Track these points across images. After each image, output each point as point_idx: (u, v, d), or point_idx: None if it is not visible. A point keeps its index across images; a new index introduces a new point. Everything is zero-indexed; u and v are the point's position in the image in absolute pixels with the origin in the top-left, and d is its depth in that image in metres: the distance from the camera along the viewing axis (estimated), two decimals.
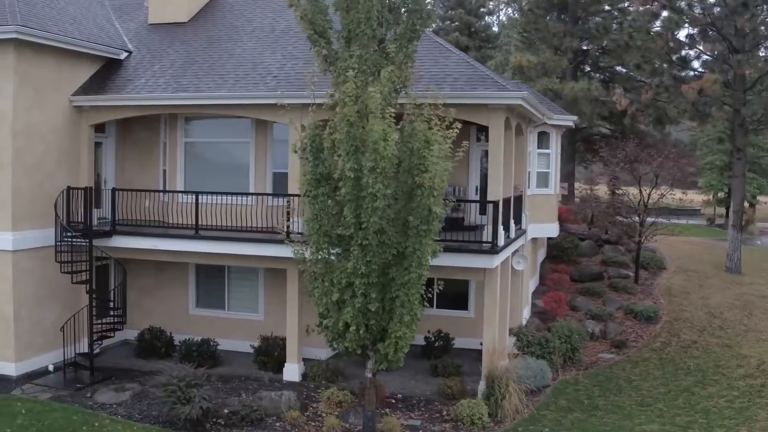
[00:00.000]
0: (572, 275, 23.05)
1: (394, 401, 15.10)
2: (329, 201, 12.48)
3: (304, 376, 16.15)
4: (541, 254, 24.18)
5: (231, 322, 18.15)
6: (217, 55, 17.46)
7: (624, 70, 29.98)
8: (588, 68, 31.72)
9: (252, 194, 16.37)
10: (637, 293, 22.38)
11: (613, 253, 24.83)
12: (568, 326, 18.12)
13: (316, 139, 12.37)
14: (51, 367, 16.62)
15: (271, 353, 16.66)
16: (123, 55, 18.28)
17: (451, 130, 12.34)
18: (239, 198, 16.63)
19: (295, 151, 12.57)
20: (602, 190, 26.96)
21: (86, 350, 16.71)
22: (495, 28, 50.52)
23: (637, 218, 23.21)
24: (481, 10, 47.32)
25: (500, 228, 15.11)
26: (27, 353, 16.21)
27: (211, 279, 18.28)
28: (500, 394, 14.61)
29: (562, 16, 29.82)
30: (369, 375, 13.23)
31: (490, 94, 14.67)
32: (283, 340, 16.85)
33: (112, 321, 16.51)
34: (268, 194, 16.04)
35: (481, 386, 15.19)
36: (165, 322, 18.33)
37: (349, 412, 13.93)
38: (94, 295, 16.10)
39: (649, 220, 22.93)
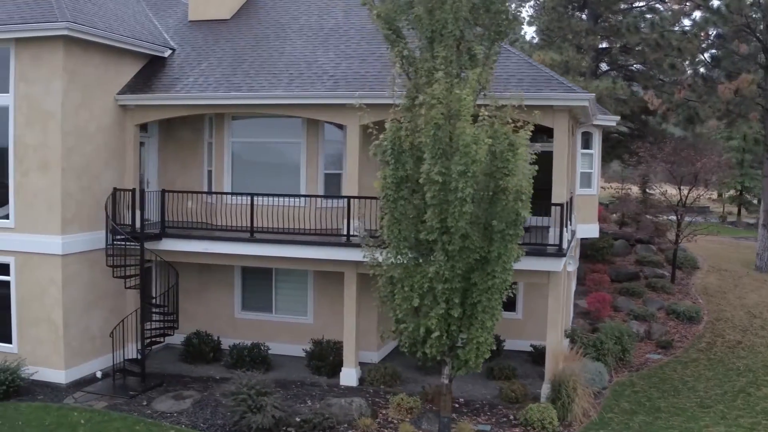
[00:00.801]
0: (610, 275, 22.95)
1: (457, 405, 14.87)
2: (408, 204, 12.22)
3: (361, 380, 15.86)
4: (576, 254, 24.06)
5: (278, 326, 17.80)
6: (267, 54, 17.06)
7: (642, 68, 29.94)
8: (606, 67, 31.65)
9: (311, 196, 16.07)
10: (675, 293, 22.33)
11: (646, 253, 24.77)
12: (618, 327, 18.00)
13: (397, 142, 12.09)
14: (99, 374, 16.19)
15: (326, 357, 16.35)
16: (167, 53, 17.83)
17: (525, 131, 12.16)
18: (290, 199, 16.34)
19: (375, 154, 12.25)
20: (632, 189, 26.87)
21: (133, 356, 16.36)
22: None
23: (670, 218, 23.15)
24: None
25: (565, 230, 14.94)
26: (75, 360, 15.77)
27: (258, 281, 17.91)
28: (567, 397, 14.45)
29: (583, 15, 29.71)
30: (445, 381, 13.00)
31: (558, 95, 14.46)
32: (337, 343, 16.57)
33: (162, 325, 16.09)
34: (328, 196, 15.74)
35: (545, 389, 15.01)
36: (210, 326, 17.96)
37: (421, 418, 13.67)
38: (145, 300, 15.67)
39: (687, 219, 22.89)
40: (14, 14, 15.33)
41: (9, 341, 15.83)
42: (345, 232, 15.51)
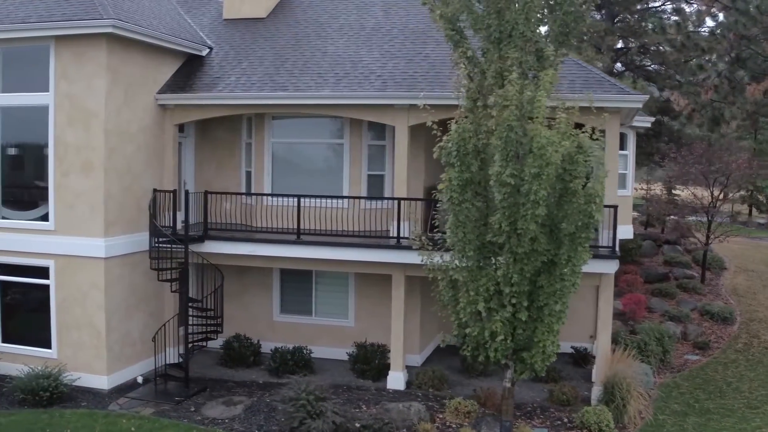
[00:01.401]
0: (641, 276, 22.89)
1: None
2: (472, 207, 12.02)
3: (408, 383, 15.65)
4: None
5: (318, 329, 17.53)
6: (309, 53, 16.78)
7: (660, 69, 29.89)
8: (622, 67, 31.59)
9: (361, 198, 15.86)
10: (706, 294, 22.30)
11: (674, 254, 24.72)
12: (658, 328, 17.92)
13: (462, 144, 11.88)
14: (140, 379, 15.86)
15: (370, 361, 16.12)
16: (205, 52, 17.50)
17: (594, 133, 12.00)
18: (332, 201, 16.11)
19: (440, 157, 12.03)
20: (655, 190, 26.83)
21: (172, 360, 16.08)
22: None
23: (700, 218, 23.11)
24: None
25: (617, 232, 14.81)
26: (117, 365, 15.43)
27: (297, 284, 17.63)
28: (621, 399, 14.34)
29: (600, 15, 29.63)
30: (507, 384, 12.81)
31: (612, 97, 14.29)
32: (381, 346, 16.35)
33: (205, 329, 15.77)
34: (377, 198, 15.48)
35: (596, 392, 14.89)
36: (248, 329, 17.68)
37: (480, 422, 13.48)
38: (190, 303, 15.36)
39: (717, 220, 22.88)
40: (54, 11, 14.97)
41: (48, 346, 15.46)
42: (393, 234, 15.30)
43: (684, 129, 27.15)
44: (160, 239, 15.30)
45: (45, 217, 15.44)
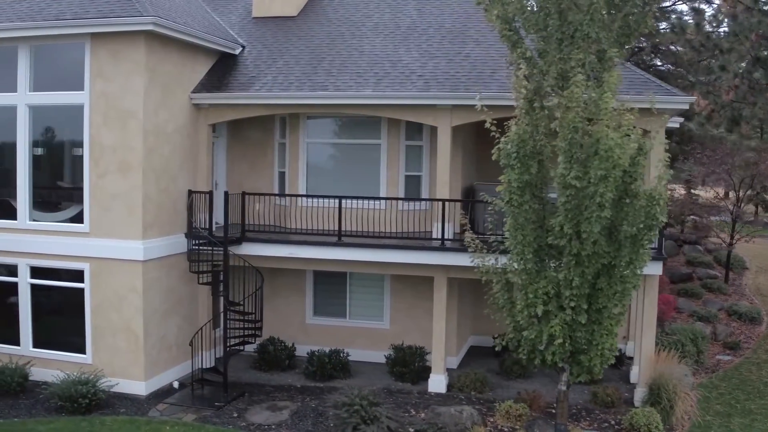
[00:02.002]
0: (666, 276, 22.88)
1: (554, 410, 14.55)
2: (531, 209, 11.87)
3: (449, 386, 15.46)
4: None
5: (352, 331, 17.30)
6: (346, 52, 16.52)
7: (672, 69, 29.86)
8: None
9: (405, 199, 15.63)
10: (731, 294, 22.33)
11: (695, 254, 24.73)
12: (692, 329, 17.88)
13: (522, 145, 11.73)
14: (176, 384, 15.55)
15: (409, 363, 15.91)
16: (237, 50, 17.18)
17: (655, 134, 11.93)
18: (369, 202, 15.88)
19: (498, 158, 11.86)
20: (675, 190, 26.84)
21: (207, 365, 15.79)
22: None
23: (716, 218, 23.15)
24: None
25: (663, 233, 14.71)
26: (154, 370, 15.11)
27: (331, 286, 17.39)
28: (668, 401, 14.27)
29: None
30: (563, 388, 12.67)
31: (662, 98, 14.14)
32: (420, 348, 16.14)
33: (243, 332, 15.48)
34: (420, 199, 15.20)
35: (639, 393, 14.81)
36: (280, 332, 17.42)
37: (533, 426, 13.32)
38: (229, 306, 15.07)
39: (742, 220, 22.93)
40: (89, 8, 14.61)
41: (83, 351, 15.11)
42: (435, 236, 15.09)
43: (701, 129, 27.17)
44: (198, 242, 14.99)
45: (75, 219, 15.09)
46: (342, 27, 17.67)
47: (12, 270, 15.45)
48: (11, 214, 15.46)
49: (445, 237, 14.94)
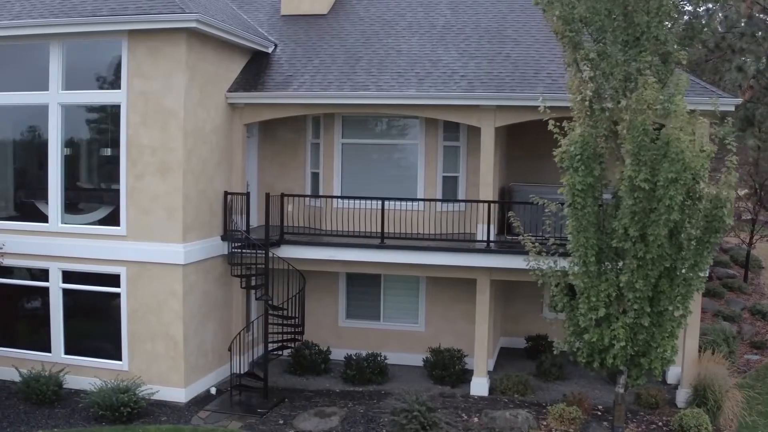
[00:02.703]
0: None
1: (599, 413, 14.50)
2: (592, 212, 11.79)
3: (490, 389, 15.33)
4: None
5: (386, 334, 17.08)
6: (383, 51, 16.28)
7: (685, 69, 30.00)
8: None
9: (448, 201, 15.57)
10: (751, 293, 22.53)
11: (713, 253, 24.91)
12: (722, 329, 17.97)
13: (586, 147, 11.64)
14: (213, 390, 15.21)
15: (449, 366, 15.76)
16: (270, 48, 16.84)
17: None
18: (406, 203, 15.68)
19: (561, 160, 11.74)
20: None
21: (243, 370, 15.43)
22: None
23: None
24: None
25: None
26: (192, 376, 14.75)
27: (365, 288, 17.15)
28: (714, 402, 14.31)
29: None
30: (621, 390, 12.64)
31: (708, 100, 14.17)
32: (458, 351, 15.99)
33: (283, 336, 15.19)
34: (464, 201, 15.05)
35: (683, 394, 14.84)
36: (312, 335, 17.15)
37: (587, 428, 13.26)
38: (272, 310, 14.77)
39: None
40: (127, 4, 14.18)
41: (118, 358, 14.69)
42: (481, 237, 14.93)
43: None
44: (238, 244, 14.66)
45: (110, 221, 14.67)
46: (375, 26, 17.42)
47: (43, 274, 14.96)
48: (40, 216, 14.99)
49: (486, 238, 14.80)
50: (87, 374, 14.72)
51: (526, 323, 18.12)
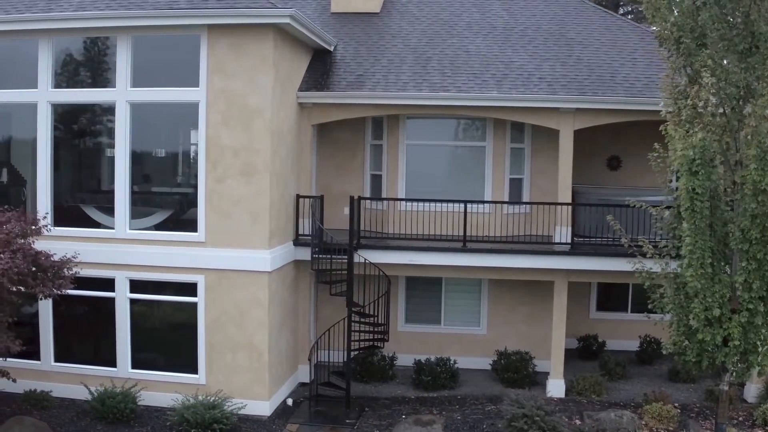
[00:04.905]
0: None
1: (679, 411, 14.83)
2: (709, 215, 12.05)
3: (566, 390, 15.42)
4: None
5: (447, 338, 16.89)
6: (451, 52, 16.07)
7: None
8: None
9: (531, 203, 15.54)
10: None
11: None
12: None
13: (706, 152, 11.87)
14: (290, 401, 14.64)
15: (520, 369, 15.76)
16: (332, 47, 16.31)
17: None
18: (472, 206, 15.53)
19: (680, 165, 11.91)
20: None
21: (305, 379, 14.89)
22: None
23: None
24: None
25: None
26: (274, 388, 14.15)
27: (425, 292, 16.89)
28: None
29: None
30: (725, 388, 12.91)
31: None
32: (526, 353, 16.00)
33: (358, 343, 14.76)
34: (543, 203, 14.98)
35: (752, 389, 15.35)
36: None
37: (686, 426, 13.54)
38: (361, 318, 14.34)
39: None
40: None
41: (193, 371, 13.89)
42: (559, 239, 15.00)
43: None
44: (318, 248, 14.17)
45: (178, 226, 13.88)
46: (434, 25, 17.18)
47: (107, 284, 13.95)
48: (102, 222, 14.01)
49: (564, 241, 14.90)
50: (157, 389, 13.85)
51: (574, 324, 18.28)
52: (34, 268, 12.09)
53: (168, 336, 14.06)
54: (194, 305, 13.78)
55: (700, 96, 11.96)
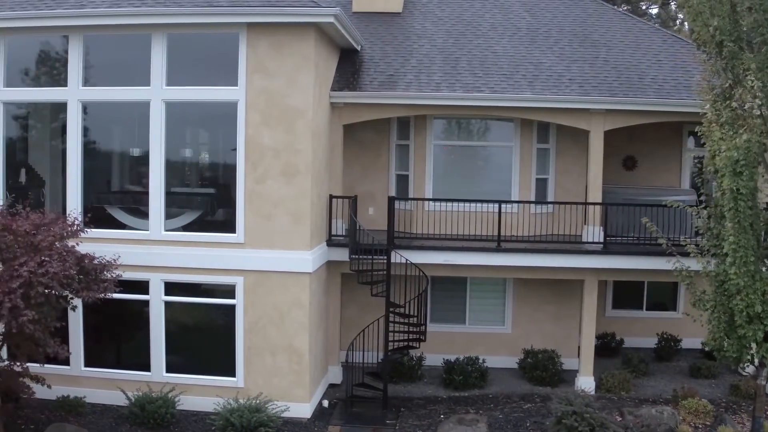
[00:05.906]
0: None
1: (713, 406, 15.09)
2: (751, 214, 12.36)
3: (596, 387, 15.61)
4: None
5: (471, 337, 16.95)
6: (479, 52, 16.12)
7: None
8: None
9: (564, 203, 15.52)
10: None
11: None
12: None
13: (750, 153, 12.16)
14: (325, 403, 14.53)
15: (548, 368, 15.91)
16: (359, 46, 16.22)
17: None
18: (504, 206, 15.64)
19: (724, 167, 12.18)
20: None
21: (335, 381, 14.83)
22: None
23: None
24: None
25: None
26: (312, 389, 14.02)
27: (449, 291, 16.91)
28: None
29: None
30: (763, 382, 13.28)
31: None
32: (553, 351, 16.16)
33: (393, 344, 14.72)
34: (574, 203, 15.17)
35: None
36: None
37: (722, 420, 13.81)
38: (401, 318, 14.30)
39: None
40: None
41: (231, 374, 13.69)
42: (589, 239, 15.17)
43: None
44: (359, 249, 14.09)
45: (216, 227, 13.67)
46: (458, 26, 17.22)
47: (141, 286, 13.65)
48: (135, 223, 13.72)
49: (595, 240, 15.09)
50: (192, 393, 13.61)
51: None
52: (75, 271, 11.75)
53: (203, 339, 13.83)
54: (232, 307, 13.58)
55: (743, 98, 12.27)
